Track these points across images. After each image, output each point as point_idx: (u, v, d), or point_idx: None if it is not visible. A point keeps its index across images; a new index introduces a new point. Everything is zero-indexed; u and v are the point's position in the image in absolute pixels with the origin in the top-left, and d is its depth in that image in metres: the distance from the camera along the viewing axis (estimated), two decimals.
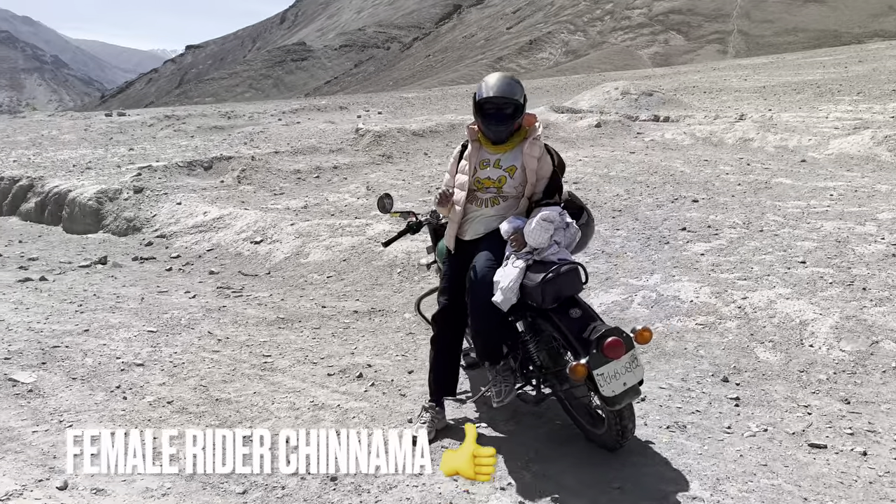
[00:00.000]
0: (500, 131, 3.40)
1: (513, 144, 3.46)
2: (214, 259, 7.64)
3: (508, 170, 3.42)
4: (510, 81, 3.40)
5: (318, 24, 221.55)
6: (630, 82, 22.77)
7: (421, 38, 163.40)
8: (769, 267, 5.78)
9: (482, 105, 3.39)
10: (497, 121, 3.38)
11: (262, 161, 11.20)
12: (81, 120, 23.98)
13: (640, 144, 13.32)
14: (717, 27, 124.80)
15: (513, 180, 3.41)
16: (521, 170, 3.40)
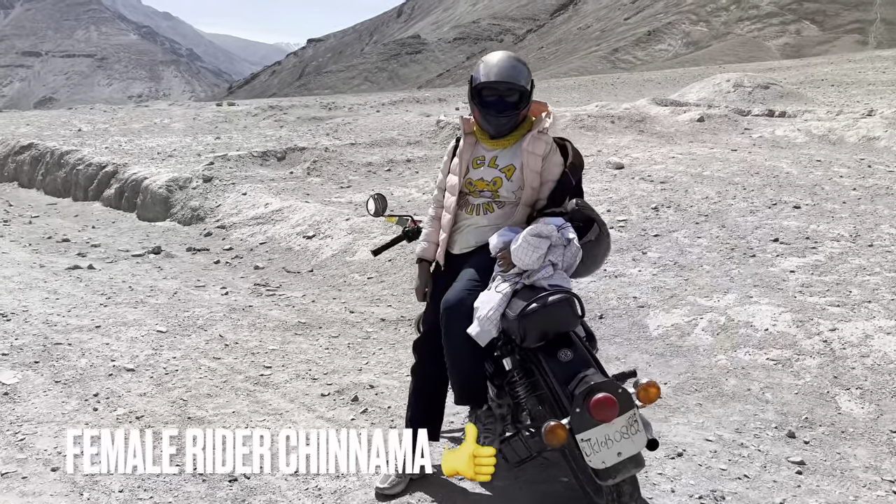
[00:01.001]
0: (500, 123, 2.80)
1: (514, 139, 2.85)
2: (264, 253, 7.39)
3: (505, 170, 2.81)
4: (514, 63, 2.79)
5: (433, 17, 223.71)
6: (744, 74, 21.05)
7: (535, 30, 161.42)
8: (872, 292, 4.81)
9: (480, 91, 2.80)
10: (497, 110, 2.77)
11: (336, 152, 10.96)
12: (193, 109, 24.90)
13: (746, 141, 12.08)
14: (858, 16, 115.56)
15: (510, 183, 2.80)
16: (521, 170, 2.79)
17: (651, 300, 5.10)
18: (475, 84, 2.79)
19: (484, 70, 2.77)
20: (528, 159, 2.77)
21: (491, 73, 2.75)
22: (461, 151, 2.90)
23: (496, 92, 2.75)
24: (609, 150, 11.52)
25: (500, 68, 2.75)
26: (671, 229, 6.89)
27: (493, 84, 2.74)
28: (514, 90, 2.76)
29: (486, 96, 2.78)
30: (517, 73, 2.76)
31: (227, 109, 24.50)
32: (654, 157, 10.37)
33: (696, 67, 56.98)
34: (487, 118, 2.79)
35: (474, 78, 2.80)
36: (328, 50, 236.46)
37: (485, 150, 2.88)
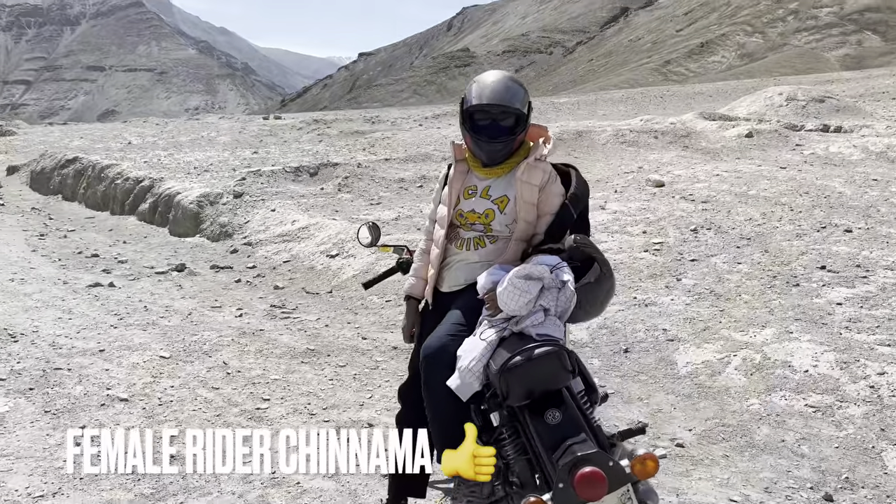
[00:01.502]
0: (494, 150, 2.54)
1: (508, 167, 2.58)
2: (286, 272, 7.25)
3: (498, 201, 2.54)
4: (509, 84, 2.53)
5: (483, 30, 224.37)
6: (798, 87, 20.27)
7: (584, 43, 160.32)
8: None
9: (471, 114, 2.54)
10: (490, 135, 2.51)
11: (369, 168, 10.82)
12: (240, 123, 25.26)
13: (797, 158, 11.51)
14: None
15: (503, 216, 2.53)
16: (515, 202, 2.52)
17: (682, 333, 4.75)
18: (466, 107, 2.54)
19: (476, 91, 2.52)
20: (522, 190, 2.50)
21: (483, 95, 2.49)
22: (451, 180, 2.65)
23: (489, 115, 2.50)
24: (650, 166, 11.11)
25: (493, 90, 2.49)
26: (710, 253, 6.49)
27: (486, 107, 2.49)
28: (508, 113, 2.50)
29: (478, 120, 2.52)
30: (512, 94, 2.50)
31: (273, 123, 24.80)
32: (696, 175, 9.93)
33: (750, 80, 55.51)
34: (480, 144, 2.53)
35: (465, 100, 2.55)
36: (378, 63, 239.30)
37: (477, 179, 2.62)
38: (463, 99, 2.56)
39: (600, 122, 17.10)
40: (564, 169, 2.67)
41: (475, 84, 2.55)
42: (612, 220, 7.81)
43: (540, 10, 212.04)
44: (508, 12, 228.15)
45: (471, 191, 2.60)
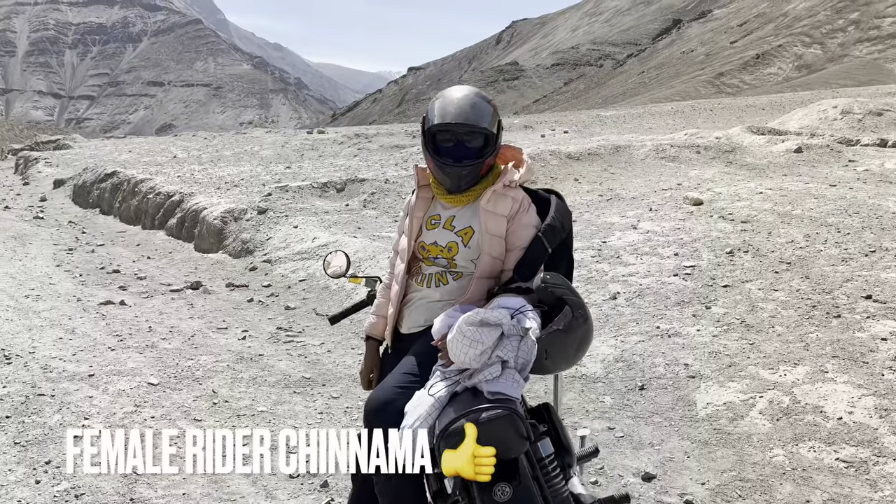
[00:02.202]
0: (459, 175, 2.25)
1: (475, 194, 2.29)
2: (301, 291, 7.06)
3: (462, 233, 2.25)
4: (475, 100, 2.24)
5: (532, 43, 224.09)
6: (855, 99, 19.37)
7: (635, 55, 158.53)
8: None
9: (434, 135, 2.27)
10: (455, 159, 2.23)
11: (396, 184, 10.62)
12: (284, 137, 25.50)
13: (849, 175, 10.85)
14: None
15: (467, 250, 2.24)
16: (481, 232, 2.23)
17: (705, 369, 4.35)
18: (428, 127, 2.26)
19: (439, 110, 2.24)
20: (486, 220, 2.20)
21: (447, 114, 2.21)
22: (413, 208, 2.37)
23: (453, 136, 2.21)
24: (690, 183, 10.62)
25: (458, 107, 2.21)
26: (744, 279, 6.04)
27: (450, 127, 2.21)
28: (475, 134, 2.21)
29: (441, 142, 2.24)
30: (479, 112, 2.21)
31: (316, 137, 24.96)
32: (738, 193, 9.42)
33: (807, 92, 53.76)
34: (443, 169, 2.25)
35: (427, 119, 2.28)
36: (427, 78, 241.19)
37: (442, 208, 2.33)
38: (424, 118, 2.29)
39: (643, 136, 16.61)
40: (545, 195, 2.37)
41: (438, 101, 2.27)
42: (644, 240, 7.40)
43: (590, 22, 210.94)
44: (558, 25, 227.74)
45: (434, 220, 2.32)
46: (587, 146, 12.92)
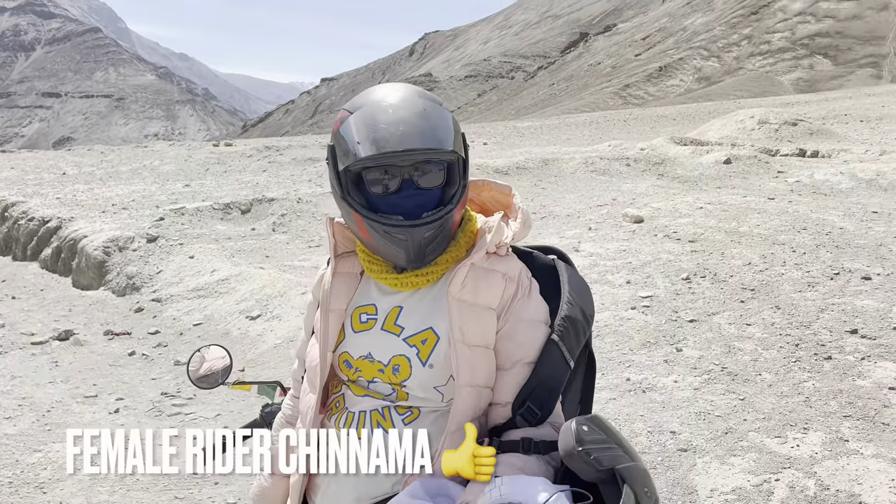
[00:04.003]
0: (419, 243, 1.27)
1: (437, 269, 1.33)
2: (196, 339, 5.90)
3: (418, 340, 1.30)
4: (426, 107, 1.28)
5: (445, 55, 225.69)
6: (769, 109, 19.62)
7: (545, 67, 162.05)
8: None
9: (358, 177, 1.28)
10: (408, 212, 1.26)
11: (310, 203, 9.54)
12: (188, 150, 23.79)
13: (783, 187, 10.55)
14: (871, 50, 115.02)
15: (427, 371, 1.27)
16: (451, 344, 1.30)
17: (696, 438, 3.54)
18: (350, 164, 1.25)
19: (368, 131, 1.24)
20: (463, 319, 1.26)
21: (386, 137, 1.22)
22: (329, 294, 1.38)
23: (398, 173, 1.26)
24: (625, 198, 10.03)
25: (403, 122, 1.24)
26: (710, 311, 5.34)
27: (394, 158, 1.24)
28: (433, 164, 1.28)
29: (375, 185, 1.26)
30: (436, 126, 1.26)
31: (223, 150, 23.39)
32: (678, 208, 8.86)
33: (709, 103, 55.77)
34: (391, 235, 1.26)
35: (344, 150, 1.26)
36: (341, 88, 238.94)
37: (379, 293, 1.37)
38: (333, 149, 1.29)
39: (567, 148, 16.11)
40: (544, 260, 1.44)
41: (361, 117, 1.26)
42: (590, 265, 6.64)
43: (501, 35, 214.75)
44: (470, 38, 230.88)
45: (366, 316, 1.34)
46: (514, 160, 12.20)
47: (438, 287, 1.31)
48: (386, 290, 1.34)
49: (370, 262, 1.34)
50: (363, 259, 1.36)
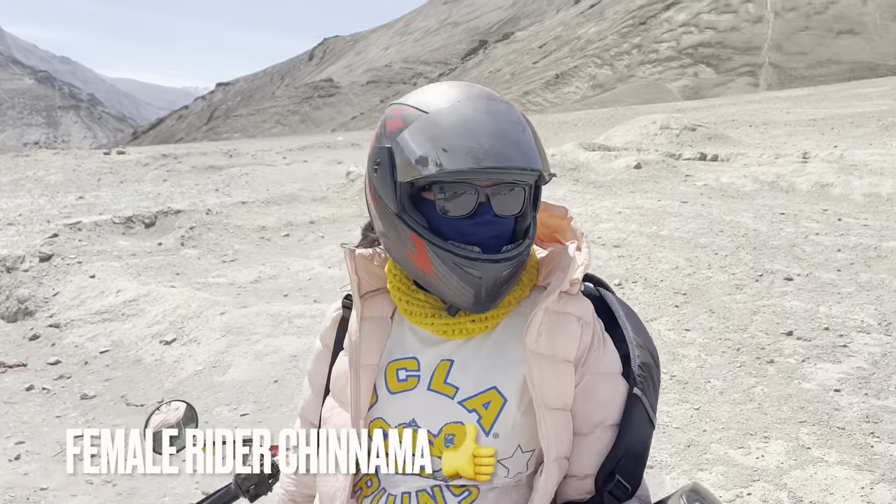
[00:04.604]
0: (495, 281, 1.02)
1: (497, 312, 1.09)
2: (103, 369, 5.35)
3: (478, 403, 1.05)
4: (521, 120, 1.03)
5: (345, 60, 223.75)
6: (669, 115, 20.41)
7: (447, 74, 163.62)
8: None
9: (419, 191, 1.02)
10: (485, 243, 1.01)
11: (221, 215, 9.00)
12: (76, 159, 22.27)
13: (693, 190, 10.89)
14: (748, 59, 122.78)
15: (493, 439, 1.03)
16: (518, 408, 1.05)
17: (660, 453, 3.44)
18: (434, 176, 0.97)
19: (458, 136, 0.97)
20: (542, 377, 1.04)
21: (488, 150, 0.96)
22: (356, 343, 1.12)
23: (478, 194, 1.00)
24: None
25: (507, 135, 0.99)
26: (648, 317, 5.33)
27: (491, 174, 0.99)
28: (520, 186, 1.03)
29: (450, 205, 1.01)
30: (534, 140, 1.03)
31: (115, 159, 22.05)
32: (598, 213, 8.94)
33: (605, 109, 57.73)
34: (465, 270, 1.00)
35: (415, 157, 0.98)
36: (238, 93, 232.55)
37: (419, 344, 1.11)
38: (389, 153, 1.04)
39: None
40: (587, 290, 1.23)
41: (446, 121, 0.99)
42: None
43: (402, 41, 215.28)
44: (371, 43, 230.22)
45: (404, 373, 1.08)
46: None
47: (496, 335, 1.07)
48: (429, 339, 1.09)
49: (410, 303, 1.09)
50: (400, 299, 1.10)
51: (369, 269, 1.15)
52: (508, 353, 1.05)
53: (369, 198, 1.09)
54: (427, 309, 1.08)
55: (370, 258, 1.15)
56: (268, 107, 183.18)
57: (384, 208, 1.04)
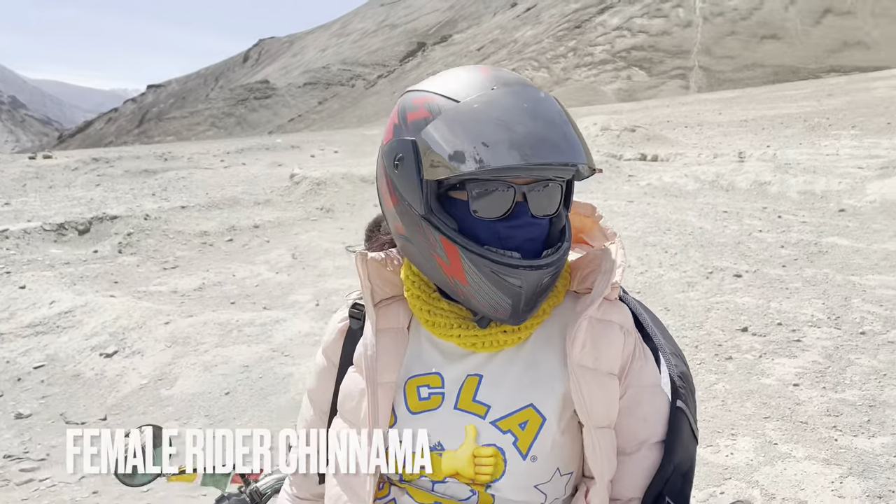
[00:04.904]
0: (535, 290, 0.91)
1: (531, 322, 0.97)
2: (39, 385, 5.02)
3: (512, 422, 0.94)
4: (561, 109, 0.92)
5: (281, 62, 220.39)
6: (609, 117, 20.78)
7: (385, 76, 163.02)
8: None
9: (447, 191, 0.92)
10: (525, 246, 0.91)
11: (160, 220, 8.64)
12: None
13: (637, 190, 11.06)
14: (679, 63, 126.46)
15: (529, 465, 0.93)
16: (560, 424, 0.95)
17: None
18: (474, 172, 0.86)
19: (497, 128, 0.85)
20: (591, 394, 0.93)
21: (535, 144, 0.85)
22: (372, 358, 0.98)
23: (515, 194, 0.90)
24: None
25: (554, 126, 0.88)
26: None
27: (544, 170, 0.90)
28: (556, 183, 0.94)
29: (484, 203, 0.90)
30: (577, 132, 0.92)
31: (41, 163, 21.01)
32: None
33: None
34: (500, 274, 0.89)
35: (448, 151, 0.86)
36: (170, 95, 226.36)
37: (438, 355, 0.99)
38: (413, 147, 0.91)
39: None
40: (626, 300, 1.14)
41: (483, 111, 0.88)
42: None
43: (339, 43, 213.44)
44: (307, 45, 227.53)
45: (427, 390, 0.97)
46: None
47: (529, 347, 0.97)
48: (452, 353, 0.98)
49: (433, 313, 0.98)
50: (420, 309, 0.99)
51: (382, 275, 1.03)
52: (544, 366, 0.95)
53: (386, 197, 0.97)
54: (452, 319, 0.97)
55: (383, 263, 1.04)
56: (202, 109, 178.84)
57: (406, 209, 0.93)
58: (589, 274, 1.02)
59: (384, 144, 0.96)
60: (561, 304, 1.01)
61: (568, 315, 0.98)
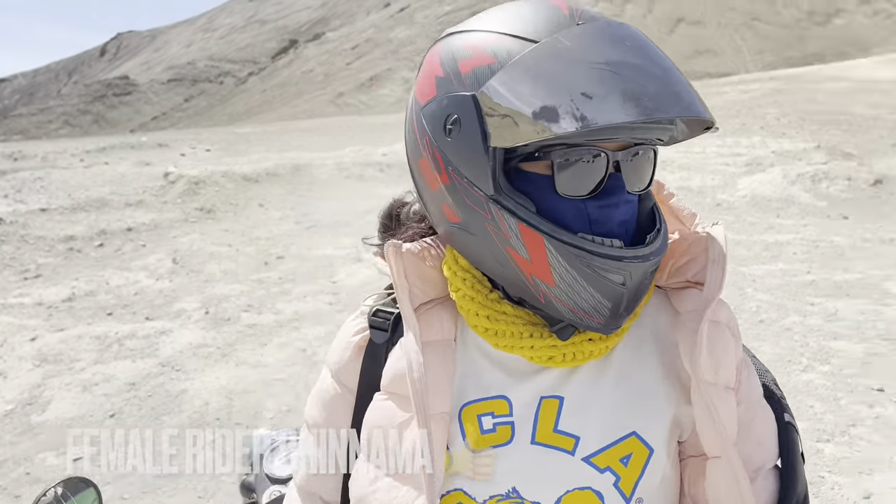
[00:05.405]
0: (636, 288, 0.70)
1: (618, 332, 0.77)
2: None
3: (614, 457, 0.73)
4: (659, 52, 0.70)
5: (143, 57, 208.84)
6: None
7: (256, 73, 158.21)
8: (816, 416, 3.54)
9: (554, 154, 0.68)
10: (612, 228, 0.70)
11: (17, 224, 7.74)
12: None
13: None
14: None
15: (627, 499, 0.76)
16: (670, 455, 0.76)
17: None
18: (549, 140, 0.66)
19: (602, 77, 0.63)
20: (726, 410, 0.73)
21: (654, 95, 0.63)
22: (420, 382, 0.73)
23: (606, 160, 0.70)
24: (387, 203, 9.80)
25: (671, 73, 0.67)
26: None
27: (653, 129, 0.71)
28: (648, 147, 0.74)
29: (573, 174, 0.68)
30: (683, 77, 0.70)
31: None
32: None
33: None
34: (598, 271, 0.68)
35: (532, 110, 0.63)
36: (16, 91, 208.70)
37: (500, 371, 0.77)
38: (474, 103, 0.67)
39: (312, 154, 15.51)
40: None
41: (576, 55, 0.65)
42: (378, 276, 6.21)
43: (205, 38, 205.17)
44: (171, 39, 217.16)
45: (490, 420, 0.73)
46: (262, 166, 11.29)
47: (616, 360, 0.77)
48: (517, 368, 0.76)
49: (493, 319, 0.75)
50: (476, 314, 0.76)
51: (421, 272, 0.80)
52: (639, 381, 0.76)
53: (430, 174, 0.74)
54: (521, 327, 0.75)
55: (420, 256, 0.80)
56: (53, 106, 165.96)
57: (463, 188, 0.70)
58: (685, 264, 0.83)
59: (422, 106, 0.73)
60: (648, 302, 0.82)
61: (657, 315, 0.79)
